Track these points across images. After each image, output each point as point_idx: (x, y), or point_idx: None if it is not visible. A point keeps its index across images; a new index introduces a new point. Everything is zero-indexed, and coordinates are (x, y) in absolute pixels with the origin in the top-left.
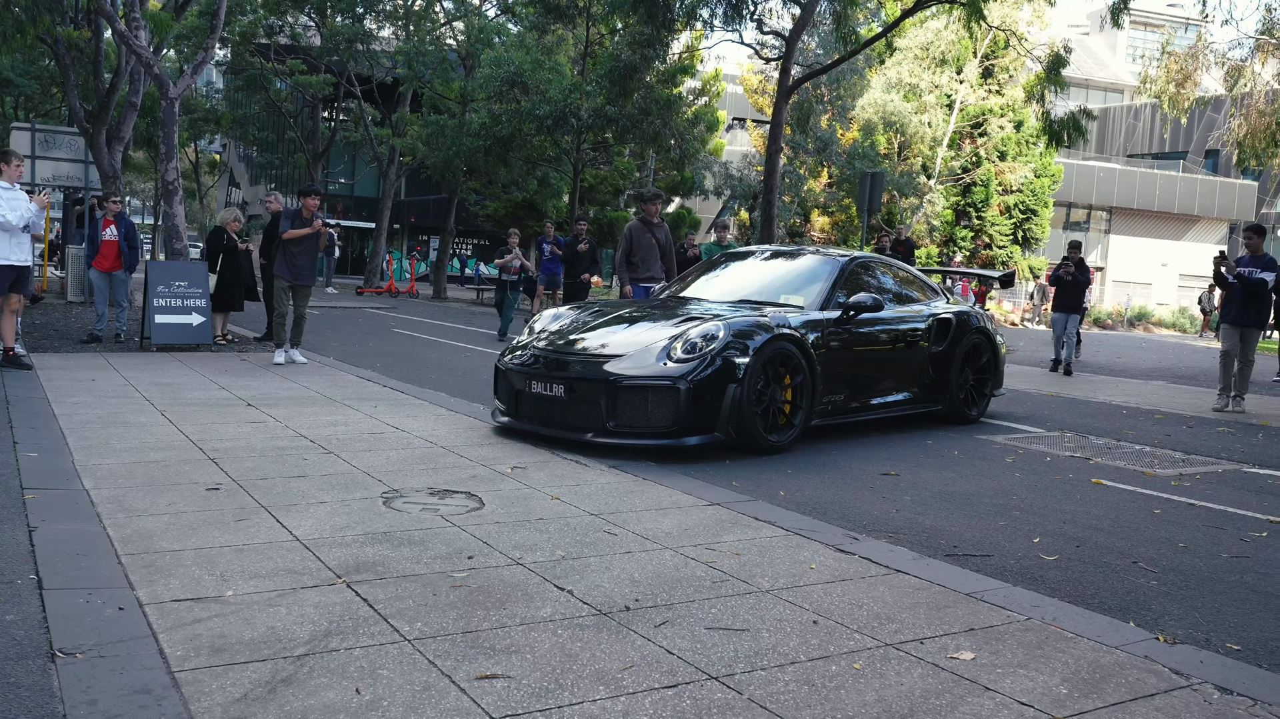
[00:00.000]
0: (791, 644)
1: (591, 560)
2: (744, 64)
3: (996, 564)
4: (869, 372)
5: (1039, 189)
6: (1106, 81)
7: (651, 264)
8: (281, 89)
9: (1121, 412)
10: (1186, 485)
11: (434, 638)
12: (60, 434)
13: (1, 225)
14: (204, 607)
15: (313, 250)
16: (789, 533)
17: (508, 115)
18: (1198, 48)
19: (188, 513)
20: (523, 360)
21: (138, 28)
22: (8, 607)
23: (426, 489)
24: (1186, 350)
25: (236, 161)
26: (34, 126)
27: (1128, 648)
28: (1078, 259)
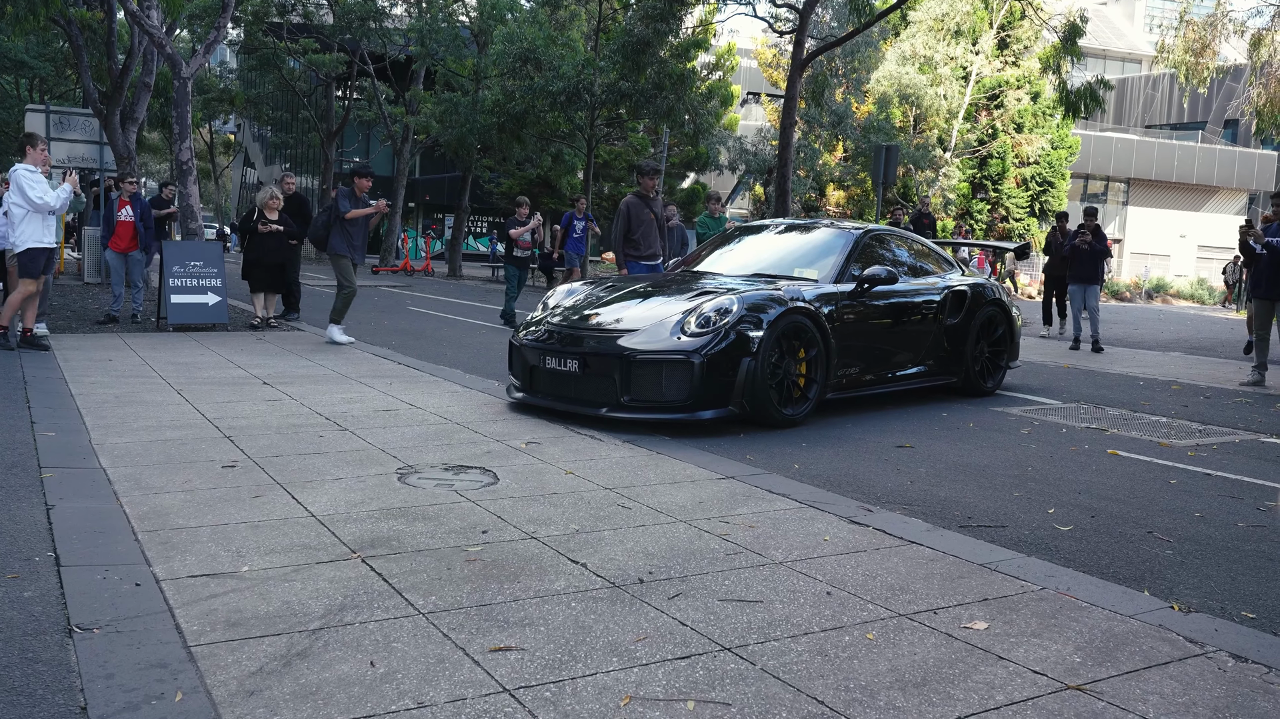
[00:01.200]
0: (805, 615)
1: (605, 534)
2: (758, 38)
3: (1011, 535)
4: (884, 344)
5: (1056, 161)
6: (1124, 51)
7: (652, 241)
8: (295, 68)
9: (1138, 383)
10: (1203, 456)
11: (448, 611)
12: (77, 413)
13: (36, 208)
14: (220, 582)
15: (366, 229)
16: (803, 505)
17: (521, 92)
18: (1216, 16)
19: (204, 490)
20: (537, 336)
21: (150, 8)
22: (26, 583)
23: (441, 465)
24: (1205, 322)
25: (251, 141)
26: (48, 108)
27: (1142, 617)
28: (1094, 226)
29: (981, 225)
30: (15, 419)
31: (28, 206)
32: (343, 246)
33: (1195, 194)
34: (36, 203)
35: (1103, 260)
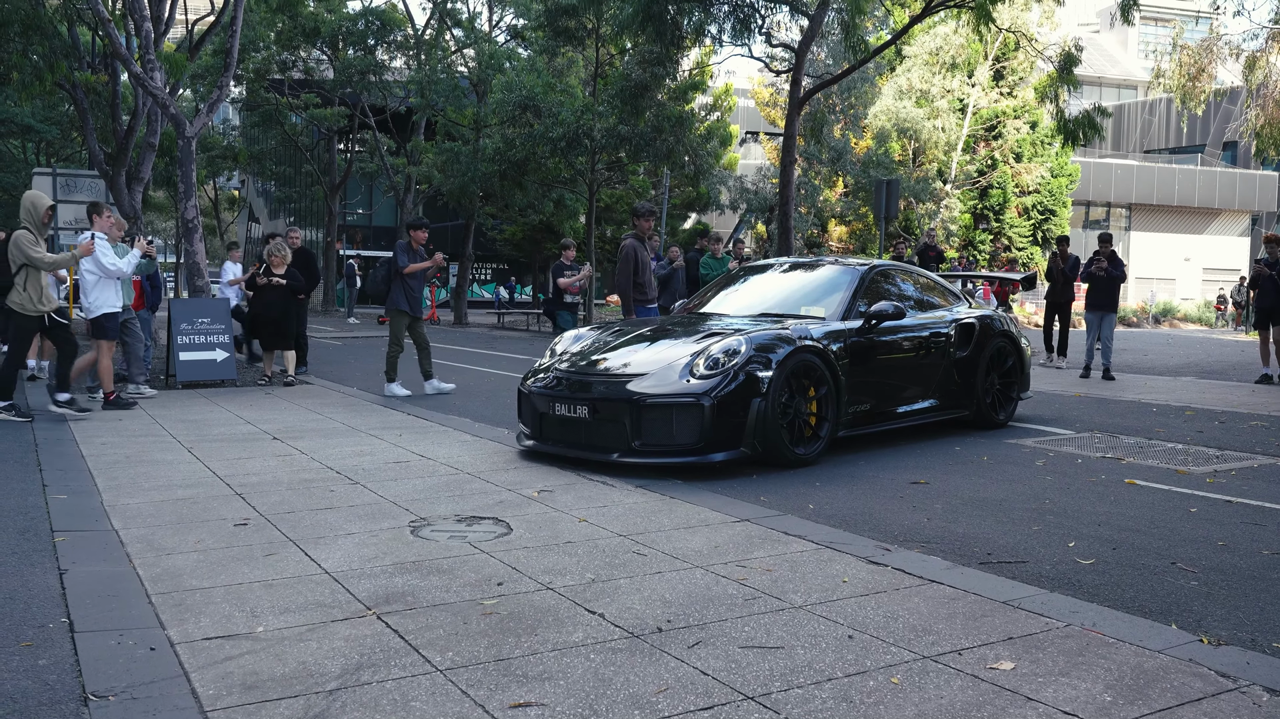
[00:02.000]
0: (827, 660)
1: (622, 582)
2: (754, 77)
3: (1032, 570)
4: (894, 380)
5: (1057, 189)
6: (1119, 78)
7: (654, 284)
8: (297, 123)
9: (1151, 409)
10: (1222, 482)
11: (466, 667)
12: (89, 475)
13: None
14: (235, 644)
15: (424, 282)
16: (820, 546)
17: (521, 139)
18: (1210, 40)
19: (216, 549)
20: (545, 383)
21: (153, 69)
22: (40, 651)
23: (454, 516)
24: (1214, 345)
25: (255, 196)
26: (55, 171)
27: (1171, 651)
28: (1110, 252)
29: (985, 256)
30: (27, 482)
31: (100, 273)
32: (403, 302)
33: (1198, 217)
34: (109, 269)
35: (1119, 287)
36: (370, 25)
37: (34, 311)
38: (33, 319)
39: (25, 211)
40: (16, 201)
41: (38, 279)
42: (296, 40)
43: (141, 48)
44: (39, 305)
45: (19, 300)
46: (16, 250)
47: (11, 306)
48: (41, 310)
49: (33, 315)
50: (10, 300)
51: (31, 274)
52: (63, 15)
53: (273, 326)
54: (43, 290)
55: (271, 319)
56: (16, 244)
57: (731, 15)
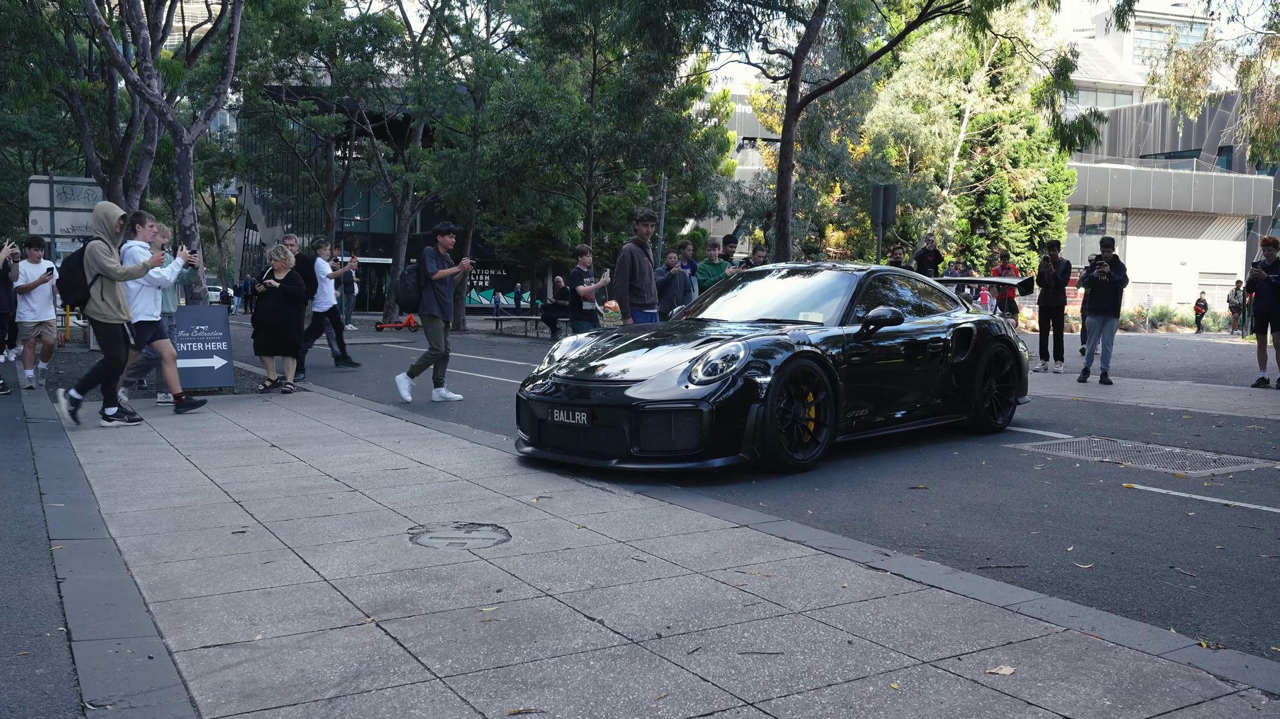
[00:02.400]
0: (827, 666)
1: (621, 588)
2: (751, 84)
3: (1031, 575)
4: (892, 385)
5: (1053, 194)
6: (1115, 84)
7: (652, 288)
8: (294, 130)
9: (1149, 413)
10: (1220, 486)
11: (465, 674)
12: (86, 483)
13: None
14: (233, 652)
15: (452, 287)
16: (819, 552)
17: (519, 146)
18: (1205, 45)
19: (214, 557)
20: (544, 389)
21: (150, 77)
22: (38, 660)
23: (452, 523)
24: (1211, 349)
25: (252, 204)
26: (52, 179)
27: (1170, 655)
28: (1112, 257)
29: (982, 261)
30: (24, 491)
31: (143, 281)
32: (435, 307)
33: (1194, 221)
34: (153, 278)
35: (1121, 291)
36: (368, 32)
37: (115, 319)
38: (116, 326)
39: (98, 223)
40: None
41: (114, 288)
42: (294, 47)
43: (139, 55)
44: (119, 314)
45: (98, 310)
46: (92, 261)
47: (92, 317)
48: (121, 319)
49: (115, 323)
50: (89, 310)
51: (107, 284)
52: (60, 23)
53: (272, 332)
54: (119, 299)
55: (271, 324)
56: (92, 255)
57: (728, 22)
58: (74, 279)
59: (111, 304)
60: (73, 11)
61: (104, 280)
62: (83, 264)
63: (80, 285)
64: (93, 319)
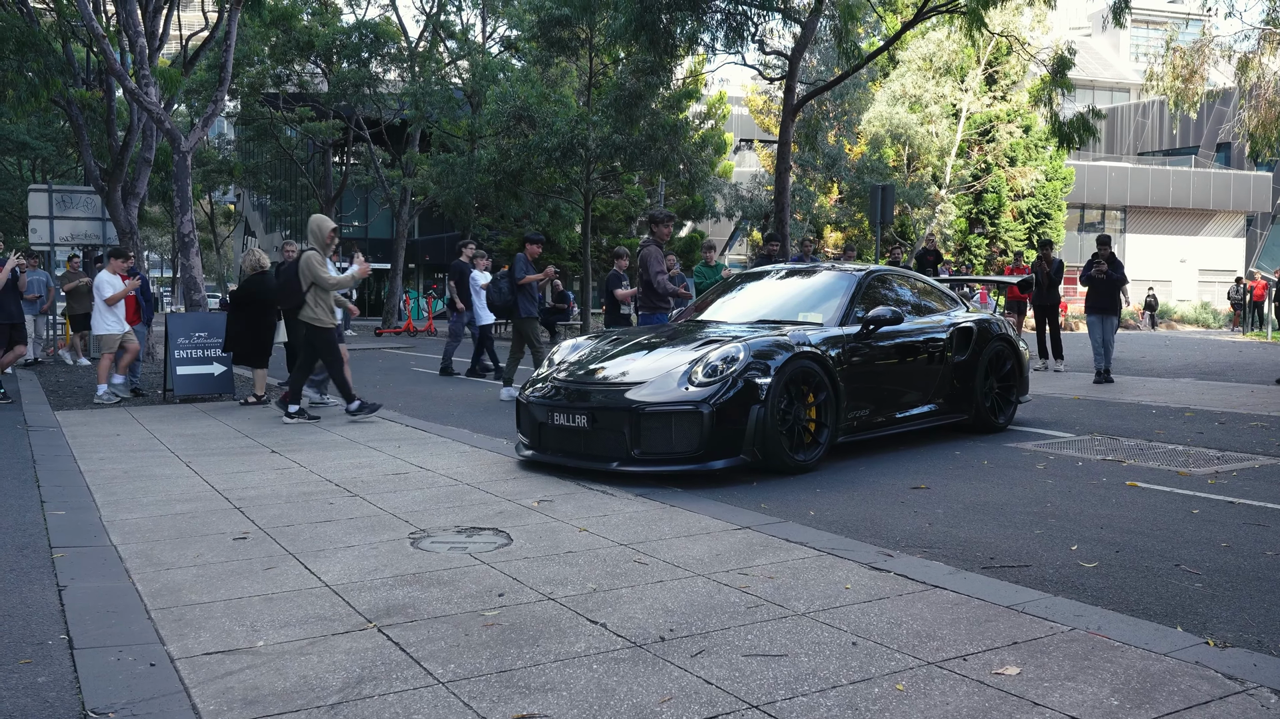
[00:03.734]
0: (831, 668)
1: (623, 592)
2: (748, 85)
3: (1035, 574)
4: (893, 385)
5: (1051, 192)
6: (1112, 81)
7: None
8: (291, 136)
9: (1151, 411)
10: (1224, 483)
11: (468, 679)
12: (87, 490)
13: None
14: (235, 658)
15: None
16: (821, 553)
17: (516, 149)
18: (1203, 42)
19: (216, 564)
20: (544, 393)
21: (148, 85)
22: (39, 668)
23: (454, 528)
24: (1212, 346)
25: (251, 210)
26: (51, 188)
27: (1177, 654)
28: (1109, 255)
29: (980, 260)
30: (25, 498)
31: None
32: (530, 310)
33: (1193, 218)
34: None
35: (1119, 289)
36: (364, 38)
37: (328, 324)
38: (329, 330)
39: (312, 234)
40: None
41: (326, 296)
42: (290, 54)
43: (136, 63)
44: (330, 319)
45: (312, 315)
46: (307, 270)
47: (307, 321)
48: (333, 323)
49: (328, 327)
50: (303, 316)
51: (319, 291)
52: (57, 32)
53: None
54: (330, 305)
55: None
56: (307, 264)
57: (724, 23)
58: (291, 288)
59: (324, 309)
60: (70, 21)
61: (317, 289)
62: (297, 274)
63: (297, 292)
64: (306, 323)
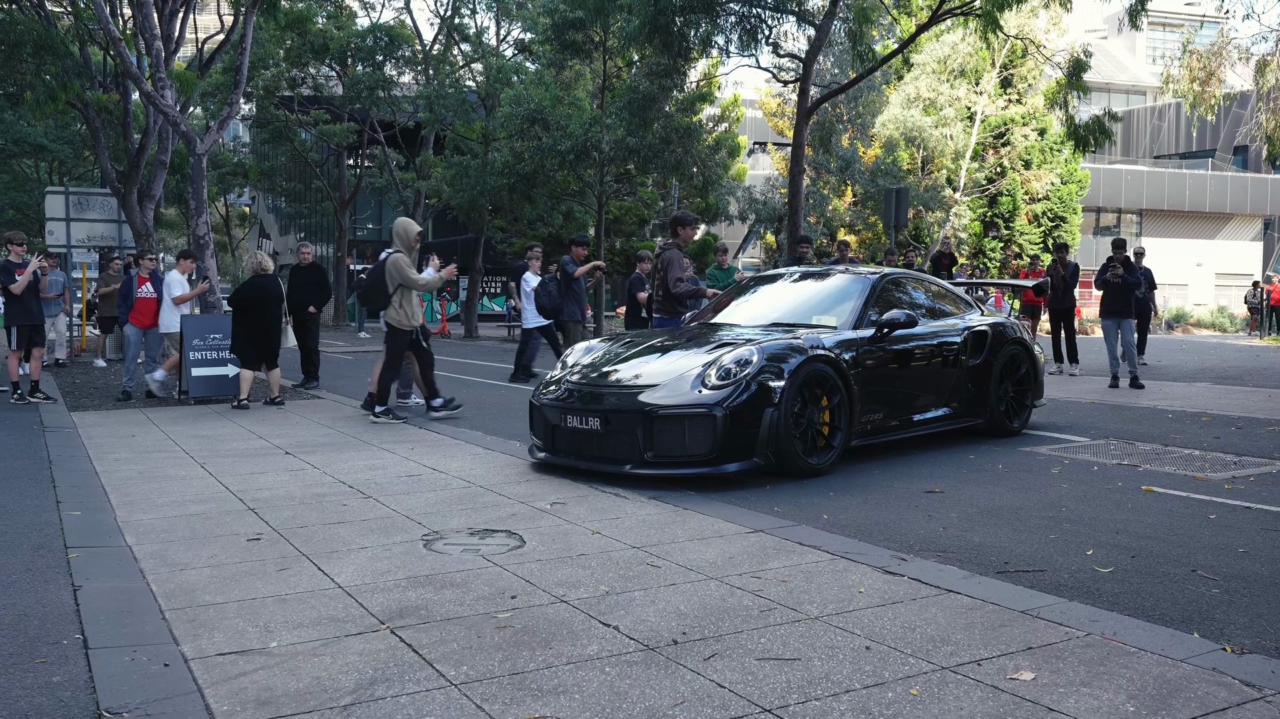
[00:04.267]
0: (845, 672)
1: (636, 594)
2: (762, 88)
3: (1050, 579)
4: (907, 388)
5: (1066, 195)
6: (1128, 84)
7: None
8: (306, 139)
9: (1167, 415)
10: (1241, 488)
11: (480, 681)
12: (102, 491)
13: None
14: (248, 659)
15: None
16: (835, 557)
17: (530, 152)
18: (1220, 44)
19: (230, 564)
20: (557, 395)
21: (164, 88)
22: (54, 668)
23: (466, 530)
24: (1229, 350)
25: (265, 213)
26: (68, 190)
27: (1194, 660)
28: (1124, 258)
29: (995, 263)
30: (41, 499)
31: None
32: (576, 313)
33: (1209, 222)
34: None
35: (1134, 293)
36: (379, 41)
37: (409, 326)
38: (408, 333)
39: (398, 237)
40: (30, 220)
41: (410, 297)
42: (305, 57)
43: (152, 66)
44: (411, 321)
45: (396, 317)
46: (395, 272)
47: (390, 322)
48: (414, 325)
49: (408, 329)
50: (388, 316)
51: (405, 293)
52: (74, 36)
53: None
54: (413, 308)
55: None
56: (395, 266)
57: (738, 26)
58: (378, 289)
59: (408, 312)
60: (87, 24)
61: (403, 290)
62: (385, 275)
63: (383, 294)
64: (389, 324)
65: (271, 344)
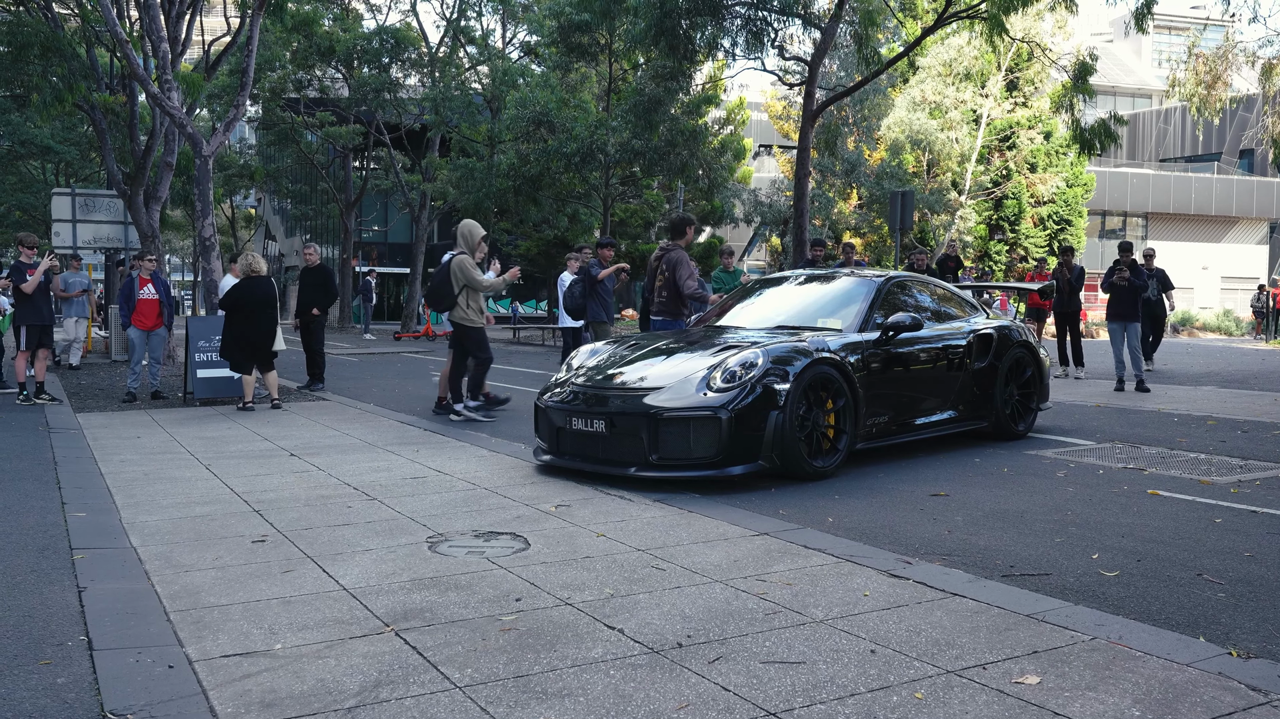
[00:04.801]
0: (850, 675)
1: (641, 597)
2: (767, 91)
3: (1056, 583)
4: (912, 391)
5: (1072, 199)
6: (1134, 87)
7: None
8: (312, 141)
9: (1172, 419)
10: (1246, 492)
11: (485, 684)
12: (107, 492)
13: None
14: (253, 661)
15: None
16: (840, 560)
17: (535, 155)
18: (1226, 48)
19: (234, 566)
20: (562, 397)
21: (170, 89)
22: (59, 669)
23: (471, 532)
24: (1235, 354)
25: (271, 214)
26: (74, 191)
27: (1200, 664)
28: (1130, 261)
29: (1000, 266)
30: (46, 500)
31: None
32: (601, 314)
33: (1215, 225)
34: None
35: (1140, 296)
36: (385, 44)
37: (478, 323)
38: (480, 329)
39: (463, 239)
40: (36, 221)
41: (477, 296)
42: (312, 59)
43: (159, 68)
44: (480, 319)
45: (464, 315)
46: (460, 273)
47: (456, 321)
48: (482, 322)
49: (479, 326)
50: (455, 316)
51: (471, 293)
52: (81, 37)
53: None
54: (481, 306)
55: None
56: (460, 267)
57: (744, 29)
58: (444, 289)
59: (475, 310)
60: (94, 26)
61: (469, 290)
62: (450, 276)
63: (449, 295)
64: (457, 323)
65: (263, 347)
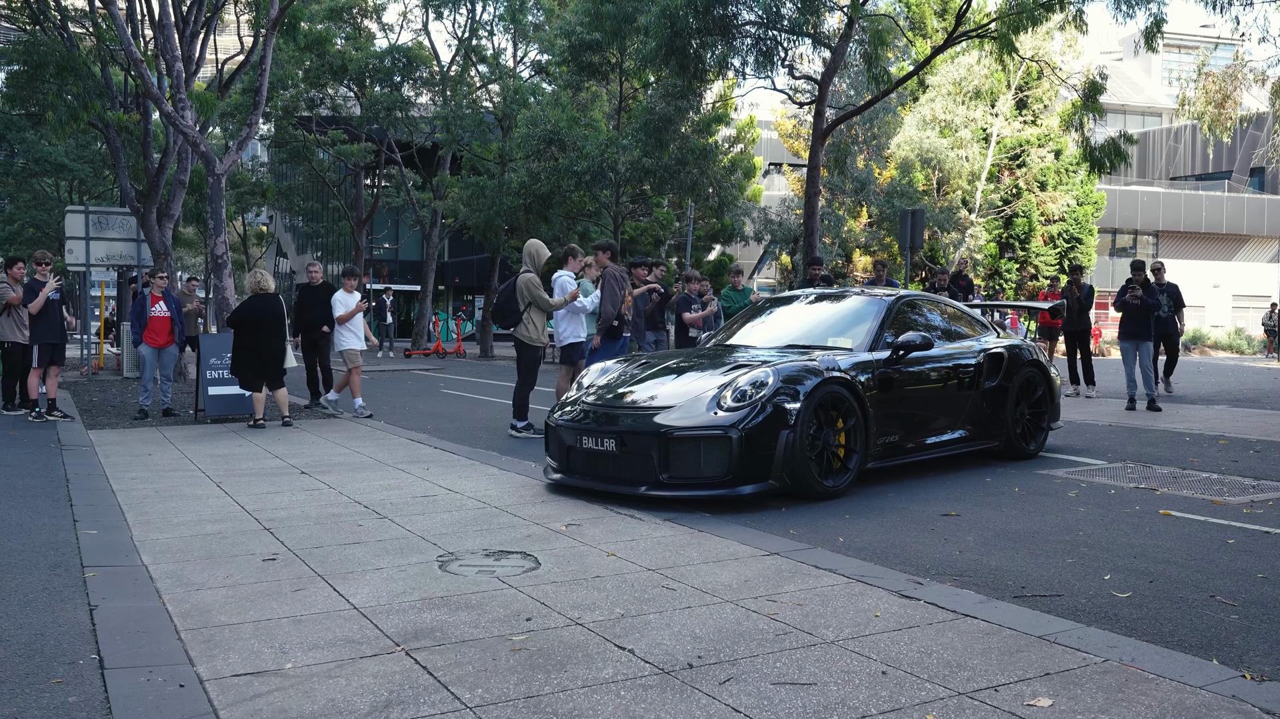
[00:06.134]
0: (861, 697)
1: (651, 617)
2: (777, 109)
3: (1068, 604)
4: (922, 411)
5: (1082, 217)
6: (1143, 106)
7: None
8: (324, 159)
9: (1184, 439)
10: (1259, 513)
11: (495, 704)
12: (119, 510)
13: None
14: (264, 680)
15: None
16: (851, 580)
17: (546, 173)
18: (1235, 66)
19: (245, 585)
20: (572, 416)
21: (184, 108)
22: (70, 688)
23: (482, 551)
24: (1246, 372)
25: (283, 232)
26: (87, 209)
27: (1213, 687)
28: (1143, 280)
29: (1011, 285)
30: (58, 518)
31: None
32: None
33: (1226, 243)
34: (577, 305)
35: (1153, 314)
36: (396, 63)
37: (538, 343)
38: (538, 349)
39: (529, 258)
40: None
41: (541, 316)
42: (324, 78)
43: (173, 87)
44: (541, 337)
45: (526, 334)
46: (526, 290)
47: (520, 338)
48: (543, 342)
49: (537, 346)
50: (518, 333)
51: (534, 312)
52: (96, 56)
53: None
54: (541, 325)
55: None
56: (527, 285)
57: (754, 48)
58: (510, 306)
59: (537, 329)
60: (109, 45)
61: (533, 309)
62: (516, 294)
63: (515, 312)
64: (519, 340)
65: (271, 364)
